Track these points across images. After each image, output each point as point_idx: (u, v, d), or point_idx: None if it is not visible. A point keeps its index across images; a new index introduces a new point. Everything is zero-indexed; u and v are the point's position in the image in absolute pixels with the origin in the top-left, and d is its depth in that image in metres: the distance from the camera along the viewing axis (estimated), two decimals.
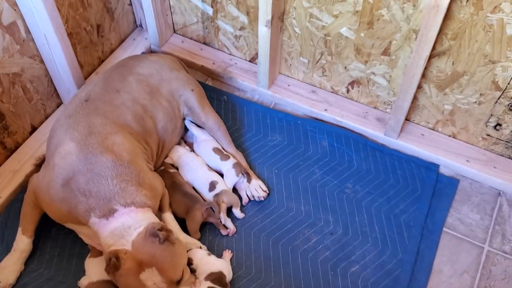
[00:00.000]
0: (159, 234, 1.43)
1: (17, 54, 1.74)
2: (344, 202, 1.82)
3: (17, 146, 1.90)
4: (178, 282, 1.46)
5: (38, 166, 1.85)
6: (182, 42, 2.27)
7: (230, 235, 1.72)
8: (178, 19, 2.23)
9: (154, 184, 1.63)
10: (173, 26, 2.27)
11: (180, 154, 1.83)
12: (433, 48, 1.63)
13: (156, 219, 1.54)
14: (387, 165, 1.91)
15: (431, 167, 1.90)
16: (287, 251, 1.70)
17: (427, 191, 1.84)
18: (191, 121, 1.90)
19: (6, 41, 1.67)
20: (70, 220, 1.57)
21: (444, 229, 1.77)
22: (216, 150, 1.83)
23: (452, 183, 1.88)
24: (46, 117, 1.99)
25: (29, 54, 1.79)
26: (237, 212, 1.75)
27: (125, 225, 1.46)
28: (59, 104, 2.03)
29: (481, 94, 1.74)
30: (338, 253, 1.70)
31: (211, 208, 1.71)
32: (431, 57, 1.69)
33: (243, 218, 1.76)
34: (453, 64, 1.71)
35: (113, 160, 1.53)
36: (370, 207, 1.80)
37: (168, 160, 1.83)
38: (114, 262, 1.40)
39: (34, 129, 1.95)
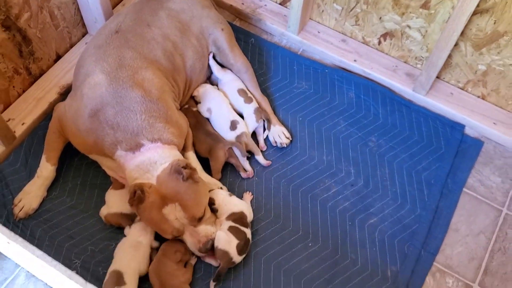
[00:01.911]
0: (183, 172, 1.43)
1: None
2: (367, 155, 1.81)
3: (42, 73, 1.88)
4: (200, 219, 1.49)
5: (62, 95, 1.84)
6: None
7: (249, 177, 1.73)
8: None
9: (180, 122, 1.62)
10: None
11: (206, 88, 1.81)
12: (477, 5, 1.57)
13: (181, 157, 1.54)
14: (412, 121, 1.89)
15: (457, 127, 1.89)
16: (306, 198, 1.71)
17: (451, 151, 1.83)
18: (216, 62, 1.87)
19: None
20: (95, 151, 1.57)
21: (464, 189, 1.77)
22: (240, 92, 1.81)
23: (476, 144, 1.86)
24: (71, 46, 1.96)
25: None
26: (261, 159, 1.75)
27: (151, 160, 1.47)
28: (85, 33, 1.99)
29: None
30: (357, 205, 1.71)
31: (231, 149, 1.71)
32: (472, 14, 1.63)
33: (269, 164, 1.76)
34: (494, 23, 1.65)
35: (142, 95, 1.51)
36: (393, 162, 1.80)
37: (194, 93, 1.81)
38: (139, 195, 1.41)
39: (58, 57, 1.92)
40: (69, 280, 0.94)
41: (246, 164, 1.74)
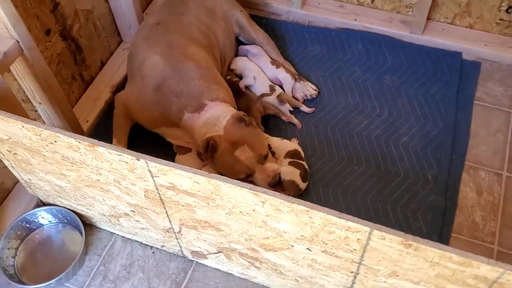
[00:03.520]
0: (245, 119, 1.69)
1: None
2: (385, 91, 2.09)
3: (92, 79, 2.14)
4: (265, 157, 1.74)
5: (114, 92, 2.10)
6: None
7: (298, 128, 1.99)
8: None
9: (227, 86, 1.89)
10: None
11: (244, 60, 2.09)
12: None
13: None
14: (416, 59, 2.19)
15: (455, 55, 2.18)
16: (343, 133, 1.98)
17: (455, 74, 2.12)
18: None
19: None
20: (162, 123, 1.82)
21: (475, 101, 2.05)
22: (272, 62, 2.10)
23: (475, 65, 2.16)
24: (111, 54, 2.23)
25: None
26: (305, 108, 2.02)
27: (215, 115, 1.72)
28: (120, 42, 2.27)
29: None
30: (388, 130, 1.98)
31: (261, 102, 1.99)
32: None
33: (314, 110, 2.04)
34: None
35: (195, 65, 1.78)
36: (408, 92, 2.08)
37: (232, 67, 2.09)
38: (213, 144, 1.66)
39: (102, 64, 2.19)
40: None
41: (293, 119, 2.00)
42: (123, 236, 1.80)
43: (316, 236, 1.22)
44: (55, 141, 1.32)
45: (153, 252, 1.76)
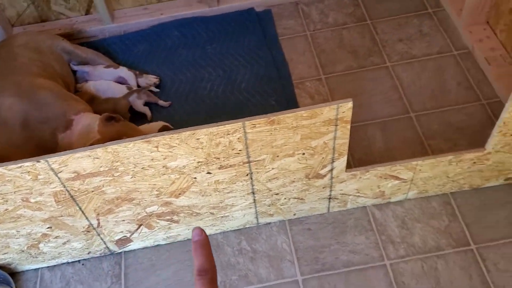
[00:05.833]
0: (113, 116, 1.91)
1: None
2: (212, 57, 2.46)
3: None
4: None
5: None
6: (24, 29, 2.65)
7: (149, 118, 2.25)
8: (10, 12, 2.60)
9: (82, 100, 2.08)
10: (10, 21, 2.63)
11: (92, 83, 2.28)
12: None
13: None
14: (223, 24, 2.60)
15: (250, 10, 2.64)
16: (197, 100, 2.29)
17: (255, 24, 2.58)
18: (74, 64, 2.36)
19: None
20: (40, 154, 1.94)
21: (279, 37, 2.52)
22: (107, 66, 2.34)
23: (267, 12, 2.64)
24: None
25: None
26: (161, 102, 2.28)
27: (85, 124, 1.89)
28: None
29: None
30: (229, 83, 2.34)
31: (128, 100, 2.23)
32: None
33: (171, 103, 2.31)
34: None
35: (48, 91, 1.94)
36: (229, 50, 2.48)
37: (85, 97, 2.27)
38: None
39: None
40: None
41: (146, 111, 2.25)
42: (47, 266, 1.89)
43: (209, 156, 1.51)
44: None
45: (83, 264, 1.89)
